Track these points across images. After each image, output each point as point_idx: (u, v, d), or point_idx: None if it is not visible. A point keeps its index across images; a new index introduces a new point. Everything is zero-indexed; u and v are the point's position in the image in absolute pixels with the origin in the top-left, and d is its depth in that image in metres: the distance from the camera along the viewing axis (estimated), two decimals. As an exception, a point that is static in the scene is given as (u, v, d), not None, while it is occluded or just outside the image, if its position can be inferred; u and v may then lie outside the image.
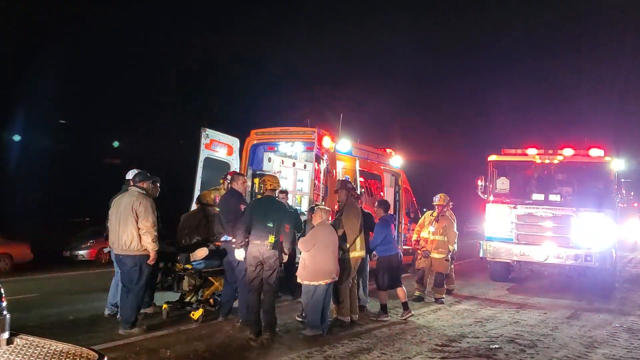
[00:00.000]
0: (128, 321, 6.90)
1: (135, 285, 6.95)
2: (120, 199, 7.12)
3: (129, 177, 7.84)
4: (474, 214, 22.59)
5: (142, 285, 7.03)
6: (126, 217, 6.89)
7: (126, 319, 6.90)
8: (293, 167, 12.48)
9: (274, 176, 8.05)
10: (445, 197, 10.52)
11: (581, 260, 11.66)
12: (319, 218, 7.41)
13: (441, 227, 10.26)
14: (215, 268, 8.01)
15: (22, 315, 7.35)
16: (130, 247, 6.89)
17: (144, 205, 6.95)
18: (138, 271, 6.96)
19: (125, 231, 6.87)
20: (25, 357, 2.46)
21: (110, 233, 7.11)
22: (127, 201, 6.98)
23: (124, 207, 6.95)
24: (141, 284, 7.01)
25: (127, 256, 6.95)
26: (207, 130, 10.50)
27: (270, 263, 6.94)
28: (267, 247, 6.88)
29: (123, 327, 6.88)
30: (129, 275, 6.97)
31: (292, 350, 6.48)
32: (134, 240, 6.87)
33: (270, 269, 6.96)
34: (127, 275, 6.99)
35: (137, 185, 7.17)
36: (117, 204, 7.10)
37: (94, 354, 2.50)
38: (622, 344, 7.48)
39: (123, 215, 6.92)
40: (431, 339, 7.34)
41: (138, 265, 6.94)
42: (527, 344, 7.22)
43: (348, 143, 11.22)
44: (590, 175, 12.74)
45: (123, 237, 6.88)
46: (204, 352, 6.26)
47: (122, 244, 6.92)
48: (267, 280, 6.99)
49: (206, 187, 9.69)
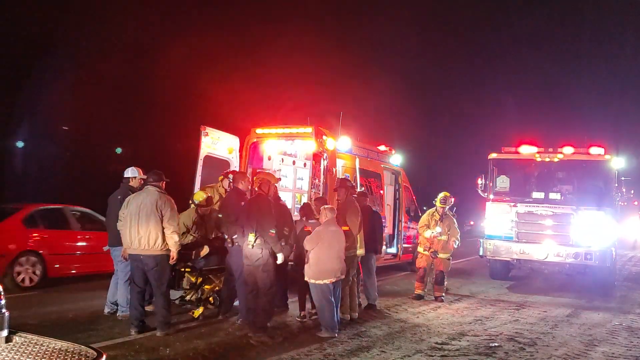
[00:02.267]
0: (167, 322, 6.87)
1: (162, 284, 6.90)
2: (137, 198, 6.93)
3: (127, 175, 7.85)
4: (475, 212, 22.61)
5: (166, 284, 6.99)
6: (148, 217, 6.75)
7: (164, 320, 6.83)
8: (293, 165, 12.48)
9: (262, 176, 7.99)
10: (449, 198, 10.46)
11: (581, 258, 11.67)
12: (325, 217, 7.41)
13: (446, 226, 10.24)
14: (215, 266, 8.02)
15: (21, 314, 7.33)
16: (154, 247, 6.79)
17: (169, 205, 6.91)
18: (161, 270, 6.90)
19: (148, 231, 6.74)
20: (24, 355, 2.46)
21: (127, 233, 6.88)
22: (149, 200, 6.82)
23: (146, 207, 6.79)
24: (166, 283, 6.98)
25: (149, 256, 6.82)
26: (207, 128, 10.48)
27: (254, 262, 6.98)
28: (249, 246, 6.97)
29: (161, 329, 6.79)
30: (152, 275, 6.87)
31: (291, 349, 6.48)
32: (158, 239, 6.77)
33: (257, 269, 6.99)
34: (152, 274, 6.87)
35: (153, 184, 7.01)
36: (133, 203, 6.89)
37: (93, 352, 2.50)
38: (621, 342, 7.49)
39: (144, 214, 6.76)
40: (431, 337, 7.34)
41: (160, 265, 6.88)
42: (527, 342, 7.22)
43: (348, 141, 11.21)
44: (590, 173, 12.74)
45: (145, 236, 6.75)
46: (204, 351, 6.27)
47: (144, 244, 6.77)
48: (258, 281, 7.03)
49: (204, 186, 9.68)
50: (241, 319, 7.46)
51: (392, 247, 13.17)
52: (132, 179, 7.85)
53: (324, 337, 6.98)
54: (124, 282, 7.58)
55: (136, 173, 7.86)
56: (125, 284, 7.51)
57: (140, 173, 7.85)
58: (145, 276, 6.95)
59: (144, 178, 7.67)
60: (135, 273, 7.00)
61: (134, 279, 7.02)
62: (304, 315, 7.93)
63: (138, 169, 7.93)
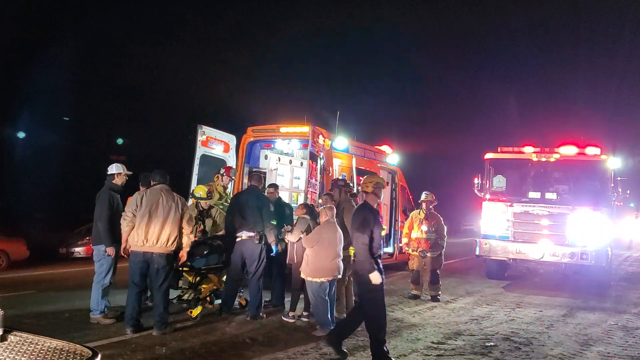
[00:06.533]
0: (164, 322, 6.83)
1: (165, 283, 6.90)
2: (151, 197, 6.84)
3: (112, 172, 7.64)
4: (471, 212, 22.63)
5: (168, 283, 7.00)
6: (168, 216, 6.76)
7: (162, 320, 6.79)
8: (290, 165, 12.48)
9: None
10: (432, 194, 10.49)
11: (577, 258, 11.71)
12: (325, 216, 7.43)
13: (432, 224, 10.26)
14: (214, 265, 8.01)
15: (18, 312, 7.33)
16: (169, 245, 6.80)
17: (187, 205, 7.00)
18: (169, 269, 6.93)
19: (168, 229, 6.75)
20: (19, 354, 2.44)
21: (140, 230, 6.75)
22: (167, 199, 6.82)
23: (165, 206, 6.78)
24: (168, 282, 6.98)
25: (162, 254, 6.81)
26: (204, 127, 10.48)
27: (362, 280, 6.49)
28: None
29: (158, 328, 6.75)
30: (160, 273, 6.83)
31: (288, 348, 6.48)
32: (172, 238, 6.79)
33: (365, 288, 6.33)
34: (157, 273, 6.82)
35: (161, 184, 7.00)
36: (149, 201, 6.80)
37: (88, 351, 2.48)
38: (617, 341, 7.51)
39: (163, 213, 6.75)
40: (427, 336, 7.35)
41: (170, 263, 6.91)
42: (523, 342, 7.23)
43: (345, 141, 11.22)
44: (586, 173, 12.77)
45: (165, 235, 6.74)
46: (200, 349, 6.26)
47: (162, 242, 6.75)
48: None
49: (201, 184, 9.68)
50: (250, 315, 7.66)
51: (388, 247, 13.19)
52: (117, 175, 7.66)
53: (319, 336, 6.98)
54: (96, 283, 7.36)
55: (120, 169, 7.68)
56: (98, 284, 7.33)
57: (124, 170, 7.72)
58: (145, 275, 6.91)
59: (129, 174, 7.66)
60: (136, 272, 6.87)
61: (134, 278, 6.89)
62: (292, 315, 7.90)
63: (122, 166, 7.78)
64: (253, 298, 7.86)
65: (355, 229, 6.02)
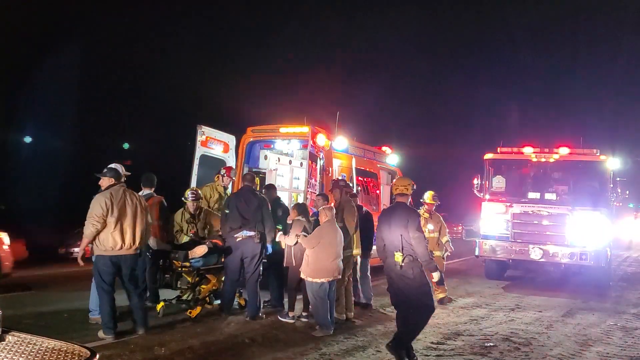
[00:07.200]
0: (145, 324, 6.77)
1: (142, 283, 6.91)
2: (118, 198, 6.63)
3: None
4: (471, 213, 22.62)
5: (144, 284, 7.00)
6: (135, 215, 6.66)
7: (143, 321, 6.73)
8: (289, 165, 12.46)
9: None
10: (435, 195, 10.45)
11: (576, 258, 11.72)
12: (325, 217, 7.42)
13: (436, 223, 10.24)
14: (213, 265, 8.00)
15: (16, 313, 7.31)
16: (139, 245, 6.77)
17: (144, 199, 7.03)
18: (140, 269, 6.96)
19: (137, 230, 6.68)
20: (17, 355, 2.44)
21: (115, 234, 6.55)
22: (130, 198, 6.72)
23: (131, 205, 6.67)
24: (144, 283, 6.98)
25: (134, 255, 6.74)
26: (203, 127, 10.47)
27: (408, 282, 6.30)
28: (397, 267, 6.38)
29: (143, 325, 6.70)
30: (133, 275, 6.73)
31: (287, 348, 6.48)
32: (141, 237, 6.74)
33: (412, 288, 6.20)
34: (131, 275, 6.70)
35: (119, 182, 6.84)
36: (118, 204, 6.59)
37: (86, 352, 2.48)
38: (616, 342, 7.51)
39: (132, 213, 6.64)
40: (426, 337, 7.33)
41: (138, 263, 6.89)
42: (522, 342, 7.23)
43: (345, 141, 11.21)
44: (585, 174, 12.80)
45: (137, 236, 6.67)
46: (199, 350, 6.25)
47: (136, 243, 6.68)
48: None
49: (201, 185, 9.68)
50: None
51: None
52: None
53: (319, 337, 6.98)
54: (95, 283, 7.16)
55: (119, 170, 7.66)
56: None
57: (122, 170, 7.65)
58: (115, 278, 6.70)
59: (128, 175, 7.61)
60: (109, 277, 6.62)
61: (107, 284, 6.62)
62: (292, 315, 7.89)
63: (121, 167, 7.69)
64: (252, 298, 7.86)
65: (415, 229, 5.89)
